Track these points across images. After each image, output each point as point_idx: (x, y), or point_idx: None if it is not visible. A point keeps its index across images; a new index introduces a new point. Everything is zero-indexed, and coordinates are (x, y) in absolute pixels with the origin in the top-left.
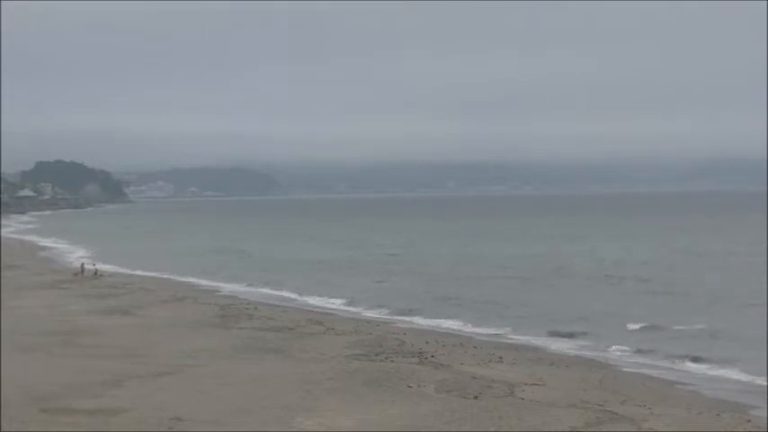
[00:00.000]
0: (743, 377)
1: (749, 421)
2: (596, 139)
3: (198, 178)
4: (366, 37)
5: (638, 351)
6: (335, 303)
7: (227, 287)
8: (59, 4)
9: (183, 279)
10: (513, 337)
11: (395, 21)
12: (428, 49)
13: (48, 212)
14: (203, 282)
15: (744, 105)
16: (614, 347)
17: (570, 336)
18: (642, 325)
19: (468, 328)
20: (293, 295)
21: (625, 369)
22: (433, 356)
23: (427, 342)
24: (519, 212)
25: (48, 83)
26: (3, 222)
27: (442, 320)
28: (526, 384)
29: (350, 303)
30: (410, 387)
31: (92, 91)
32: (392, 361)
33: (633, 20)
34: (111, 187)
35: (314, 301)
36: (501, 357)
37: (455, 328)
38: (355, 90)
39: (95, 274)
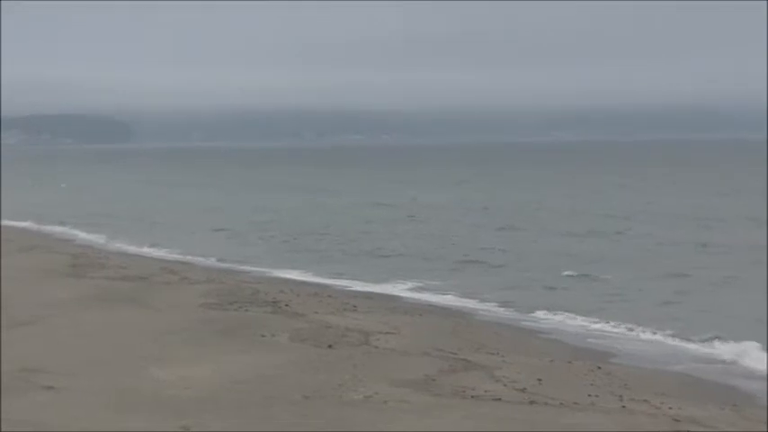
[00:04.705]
0: (606, 326)
1: (599, 368)
2: (460, 88)
3: (53, 126)
4: None
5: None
6: (186, 254)
7: (82, 236)
8: None
9: (38, 227)
10: (368, 286)
11: None
12: None
13: None
14: (58, 230)
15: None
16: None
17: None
18: None
19: (320, 279)
20: (146, 246)
21: (479, 318)
22: (287, 305)
23: (282, 291)
24: (376, 162)
25: None
26: None
27: (293, 270)
28: (380, 333)
29: (201, 254)
30: (264, 336)
31: None
32: (246, 310)
33: None
34: None
35: (166, 251)
36: (355, 306)
37: (308, 279)
38: (212, 39)
39: None
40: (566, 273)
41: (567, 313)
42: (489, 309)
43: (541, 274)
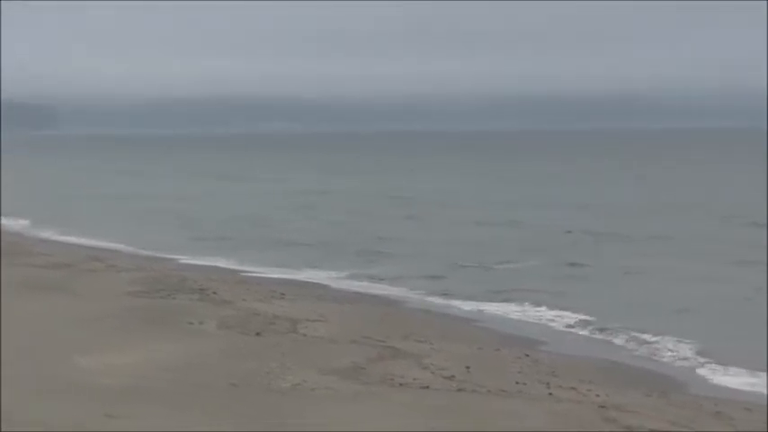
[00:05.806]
0: (530, 314)
1: (527, 356)
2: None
3: None
4: None
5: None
6: (111, 241)
7: (4, 223)
8: None
9: None
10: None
11: None
12: None
13: None
14: None
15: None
16: None
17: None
18: None
19: (246, 266)
20: (71, 233)
21: (409, 306)
22: (215, 293)
23: (209, 279)
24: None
25: None
26: None
27: (219, 257)
28: (308, 320)
29: (125, 241)
30: (191, 324)
31: None
32: (173, 298)
33: None
34: None
35: (91, 238)
36: (283, 294)
37: (234, 266)
38: (143, 26)
39: None
40: (472, 262)
41: (495, 303)
42: (418, 297)
43: (450, 263)
